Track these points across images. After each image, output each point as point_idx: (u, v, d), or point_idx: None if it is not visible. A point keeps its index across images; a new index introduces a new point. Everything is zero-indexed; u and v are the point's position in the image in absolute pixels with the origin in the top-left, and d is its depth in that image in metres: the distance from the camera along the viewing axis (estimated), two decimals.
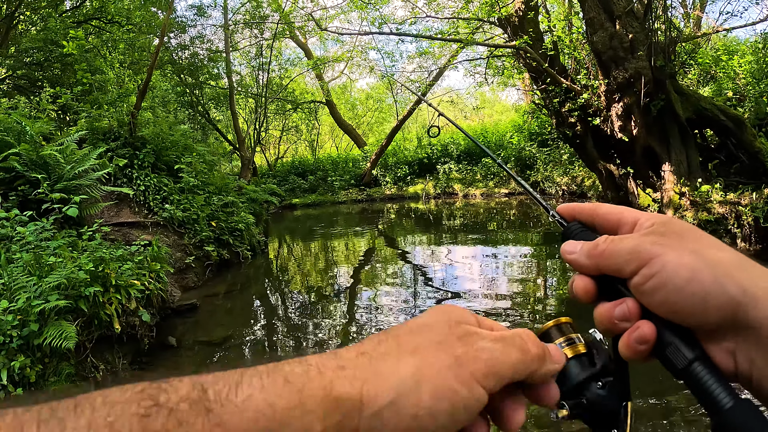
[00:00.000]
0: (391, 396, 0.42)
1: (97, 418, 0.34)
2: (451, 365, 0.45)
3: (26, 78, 13.66)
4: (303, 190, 24.03)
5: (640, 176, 10.34)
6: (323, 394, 0.41)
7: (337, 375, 0.43)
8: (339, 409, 0.41)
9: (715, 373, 0.50)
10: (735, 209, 8.72)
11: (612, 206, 0.64)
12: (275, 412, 0.38)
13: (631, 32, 9.46)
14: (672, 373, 0.53)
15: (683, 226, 0.56)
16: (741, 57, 12.91)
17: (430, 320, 0.51)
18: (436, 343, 0.47)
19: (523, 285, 8.06)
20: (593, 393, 0.60)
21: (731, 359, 0.50)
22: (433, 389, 0.44)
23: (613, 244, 0.56)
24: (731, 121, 9.44)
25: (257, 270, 10.46)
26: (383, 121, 34.97)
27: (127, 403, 0.35)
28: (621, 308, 0.54)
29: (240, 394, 0.38)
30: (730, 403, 0.47)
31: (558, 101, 11.60)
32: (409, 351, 0.46)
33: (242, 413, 0.37)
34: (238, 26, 21.11)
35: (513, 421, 0.51)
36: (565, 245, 0.63)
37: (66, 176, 7.27)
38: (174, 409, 0.36)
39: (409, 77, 23.46)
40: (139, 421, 0.34)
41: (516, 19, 11.58)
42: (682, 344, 0.52)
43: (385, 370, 0.44)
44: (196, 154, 11.06)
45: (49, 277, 4.61)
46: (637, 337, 0.52)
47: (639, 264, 0.52)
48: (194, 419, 0.36)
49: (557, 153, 19.97)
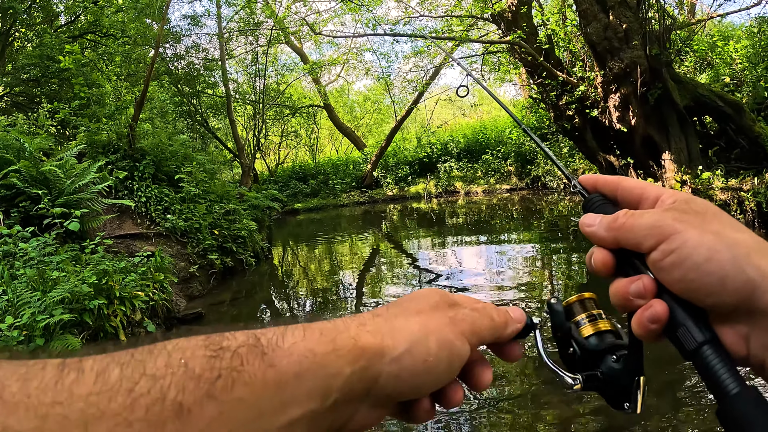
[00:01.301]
0: (406, 345, 0.51)
1: (173, 360, 0.40)
2: (447, 323, 0.54)
3: (24, 94, 13.71)
4: (305, 195, 24.03)
5: (641, 166, 10.32)
6: (352, 343, 0.48)
7: (360, 330, 0.50)
8: (364, 355, 0.48)
9: (724, 357, 0.50)
10: (737, 195, 8.70)
11: (635, 180, 0.64)
12: (315, 356, 0.45)
13: (625, 22, 9.45)
14: (681, 353, 0.53)
15: (705, 204, 0.56)
16: (737, 42, 12.86)
17: (423, 293, 0.59)
18: (433, 307, 0.56)
19: (529, 279, 8.05)
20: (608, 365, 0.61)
21: (744, 343, 0.50)
22: (437, 340, 0.52)
23: (633, 218, 0.56)
24: (730, 106, 9.42)
25: (262, 276, 10.46)
26: (382, 123, 34.97)
27: (196, 347, 0.42)
28: (636, 285, 0.55)
29: (286, 341, 0.45)
30: (737, 389, 0.47)
31: (555, 95, 11.59)
32: (414, 312, 0.55)
33: (289, 356, 0.44)
34: (232, 34, 21.11)
35: (483, 380, 0.59)
36: (585, 218, 0.63)
37: (67, 191, 7.28)
38: (236, 351, 0.42)
39: (406, 77, 23.47)
40: (208, 361, 0.41)
41: (509, 15, 11.58)
42: (694, 326, 0.52)
43: (399, 326, 0.53)
44: (196, 163, 11.06)
45: (53, 292, 4.62)
46: (649, 315, 0.53)
47: (659, 239, 0.53)
48: (253, 360, 0.43)
49: (557, 146, 19.93)
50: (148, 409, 0.36)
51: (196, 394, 0.39)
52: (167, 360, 0.40)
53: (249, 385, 0.41)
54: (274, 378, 0.43)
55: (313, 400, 0.45)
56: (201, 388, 0.39)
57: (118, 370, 0.38)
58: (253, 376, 0.42)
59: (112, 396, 0.36)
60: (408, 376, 0.50)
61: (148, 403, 0.36)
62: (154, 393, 0.37)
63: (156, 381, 0.38)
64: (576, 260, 8.85)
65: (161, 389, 0.37)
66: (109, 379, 0.37)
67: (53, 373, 0.36)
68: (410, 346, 0.51)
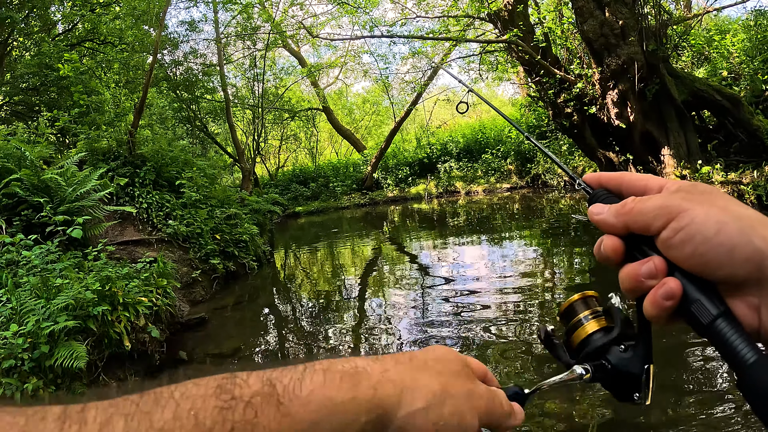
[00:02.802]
0: (423, 403, 0.51)
1: (182, 412, 0.38)
2: (465, 395, 0.54)
3: (23, 103, 13.74)
4: (305, 198, 24.04)
5: (640, 162, 10.34)
6: (372, 393, 0.48)
7: (383, 377, 0.50)
8: (382, 406, 0.48)
9: (738, 329, 0.51)
10: (737, 188, 8.71)
11: (638, 174, 0.66)
12: (334, 405, 0.45)
13: (621, 18, 9.47)
14: (696, 329, 0.54)
15: (709, 187, 0.57)
16: (734, 36, 12.87)
17: (447, 355, 0.59)
18: (455, 374, 0.56)
19: (532, 277, 8.05)
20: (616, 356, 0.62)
21: (755, 314, 0.52)
22: (452, 408, 0.52)
23: (641, 202, 0.58)
24: (728, 100, 9.43)
25: (264, 280, 10.47)
26: (381, 124, 34.99)
27: (206, 397, 0.40)
28: (648, 266, 0.56)
29: (304, 389, 0.45)
30: (753, 357, 0.48)
31: (553, 92, 11.61)
32: (437, 372, 0.55)
33: (307, 405, 0.44)
34: (230, 39, 21.16)
35: None
36: (593, 207, 0.64)
37: (68, 198, 7.30)
38: (249, 402, 0.41)
39: (404, 78, 23.49)
40: (219, 413, 0.39)
41: (506, 14, 11.60)
42: (707, 300, 0.53)
43: (422, 382, 0.52)
44: (196, 168, 11.08)
45: (57, 299, 4.64)
46: (664, 292, 0.54)
47: (668, 218, 0.54)
48: (267, 410, 0.41)
49: (556, 144, 19.94)
50: None
51: None
52: (175, 411, 0.38)
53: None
54: (290, 428, 0.42)
55: None
56: None
57: (123, 422, 0.36)
58: (267, 428, 0.41)
59: None
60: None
61: None
62: None
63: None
64: (578, 258, 8.86)
65: None
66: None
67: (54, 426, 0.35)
68: (427, 406, 0.51)
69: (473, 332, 5.88)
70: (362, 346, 6.06)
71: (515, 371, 4.77)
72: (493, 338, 5.62)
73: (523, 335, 5.61)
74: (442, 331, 6.06)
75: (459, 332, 5.95)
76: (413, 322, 6.59)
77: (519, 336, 5.62)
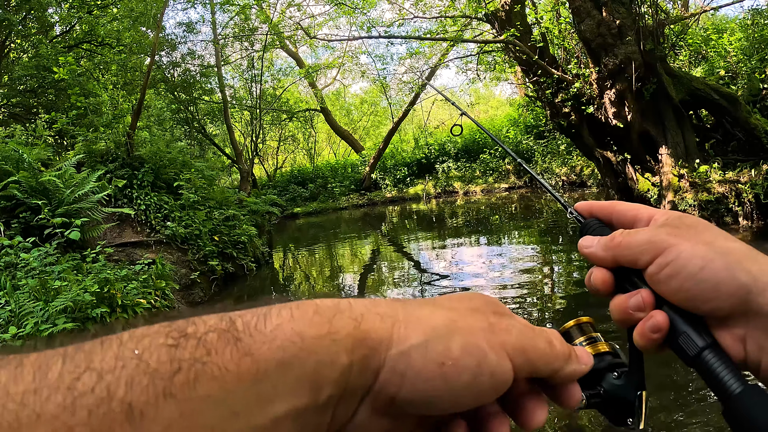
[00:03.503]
0: (421, 338, 0.41)
1: (125, 351, 0.33)
2: (484, 328, 0.43)
3: (21, 105, 13.73)
4: (304, 199, 24.03)
5: (638, 161, 10.34)
6: (352, 326, 0.40)
7: (368, 310, 0.42)
8: (367, 342, 0.39)
9: (724, 359, 0.52)
10: (735, 187, 8.72)
11: (628, 204, 0.66)
12: (303, 341, 0.37)
13: (618, 18, 9.47)
14: (684, 360, 0.55)
15: (696, 220, 0.58)
16: (731, 35, 12.89)
17: (466, 294, 0.50)
18: (472, 309, 0.46)
19: (531, 279, 8.06)
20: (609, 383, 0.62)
21: (741, 346, 0.52)
22: (464, 343, 0.41)
23: (629, 237, 0.58)
24: (725, 99, 9.44)
25: (263, 281, 10.47)
26: (379, 125, 35.00)
27: (154, 335, 0.35)
28: (636, 299, 0.57)
29: (269, 324, 0.37)
30: (740, 388, 0.49)
31: (551, 92, 11.60)
32: (446, 308, 0.45)
33: (271, 342, 0.36)
34: (228, 40, 21.17)
35: (535, 418, 0.47)
36: (583, 240, 0.64)
37: (66, 201, 7.30)
38: (202, 338, 0.35)
39: (402, 78, 23.51)
40: (167, 352, 0.34)
41: (503, 14, 11.59)
42: (694, 332, 0.54)
43: (419, 315, 0.43)
44: (194, 170, 11.07)
45: (56, 301, 4.64)
46: (651, 325, 0.55)
47: (655, 253, 0.55)
48: (223, 348, 0.35)
49: (554, 144, 19.97)
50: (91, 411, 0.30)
51: (150, 393, 0.32)
52: (118, 351, 0.33)
53: (217, 380, 0.34)
54: (251, 369, 0.35)
55: (301, 394, 0.37)
56: (156, 386, 0.32)
57: (60, 363, 0.32)
58: (222, 369, 0.34)
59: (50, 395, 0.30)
60: (415, 379, 0.40)
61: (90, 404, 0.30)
62: (99, 391, 0.31)
63: (102, 377, 0.31)
64: (575, 259, 8.87)
65: (108, 387, 0.31)
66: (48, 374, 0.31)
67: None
68: (426, 341, 0.41)
69: None
70: None
71: None
72: None
73: None
74: None
75: None
76: None
77: None
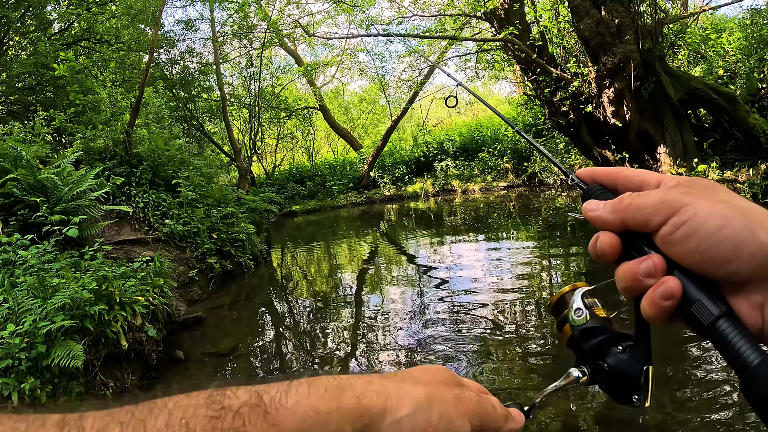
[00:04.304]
0: (410, 409, 0.50)
1: (174, 420, 0.40)
2: (453, 400, 0.53)
3: (19, 103, 13.71)
4: (302, 197, 24.02)
5: (636, 160, 10.36)
6: (356, 402, 0.48)
7: (366, 388, 0.50)
8: (367, 414, 0.48)
9: (741, 329, 0.49)
10: (733, 186, 8.73)
11: (634, 169, 0.63)
12: (318, 414, 0.45)
13: (617, 17, 9.48)
14: (697, 331, 0.51)
15: (710, 181, 0.55)
16: (730, 34, 12.90)
17: (433, 368, 0.59)
18: (441, 382, 0.56)
19: (529, 276, 8.06)
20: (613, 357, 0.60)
21: (759, 314, 0.49)
22: (440, 412, 0.51)
23: (639, 198, 0.55)
24: (723, 98, 9.46)
25: (261, 279, 10.47)
26: (378, 123, 34.95)
27: (198, 406, 0.42)
28: (646, 264, 0.54)
29: (290, 399, 0.45)
30: (758, 359, 0.46)
31: (549, 91, 11.62)
32: (423, 382, 0.54)
33: (293, 415, 0.44)
34: (226, 38, 21.14)
35: None
36: (587, 203, 0.61)
37: (64, 198, 7.29)
38: (238, 411, 0.42)
39: (400, 77, 23.49)
40: (209, 421, 0.41)
41: (502, 12, 11.60)
42: (708, 300, 0.50)
43: (406, 390, 0.52)
44: (192, 167, 11.06)
45: (54, 299, 4.63)
46: (662, 292, 0.52)
47: (669, 213, 0.52)
48: (255, 419, 0.42)
49: (552, 143, 19.96)
50: None
51: None
52: (167, 419, 0.40)
53: None
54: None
55: None
56: None
57: (118, 429, 0.38)
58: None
59: None
60: None
61: None
62: None
63: None
64: (575, 256, 8.88)
65: None
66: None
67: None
68: (413, 412, 0.50)
69: (470, 332, 5.89)
70: (359, 344, 6.07)
71: (515, 379, 4.78)
72: (489, 340, 5.63)
73: (521, 338, 5.63)
74: (439, 329, 6.07)
75: (455, 329, 5.96)
76: (409, 320, 6.60)
77: (518, 339, 5.63)
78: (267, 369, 5.72)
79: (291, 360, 5.95)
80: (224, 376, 5.50)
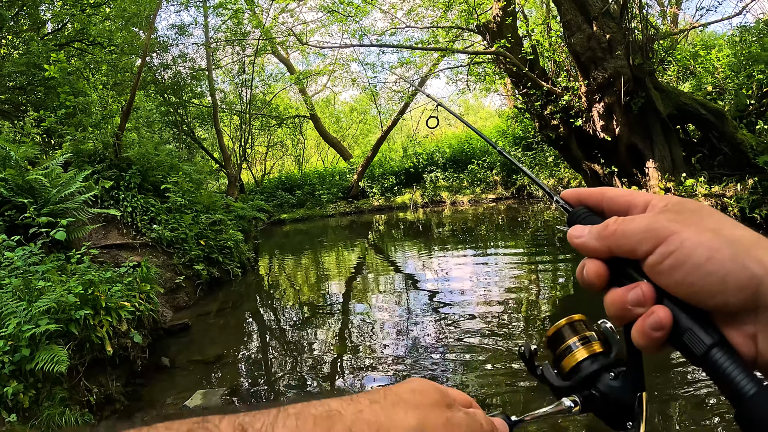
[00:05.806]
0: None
1: None
2: (444, 424, 0.51)
3: (9, 102, 13.59)
4: (291, 205, 23.99)
5: (625, 174, 10.43)
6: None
7: (357, 418, 0.47)
8: None
9: (735, 358, 0.47)
10: (720, 201, 8.81)
11: (621, 189, 0.61)
12: None
13: (609, 32, 9.57)
14: (690, 360, 0.50)
15: (698, 205, 0.53)
16: (719, 51, 13.08)
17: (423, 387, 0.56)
18: (432, 405, 0.53)
19: (516, 289, 8.07)
20: (605, 384, 0.59)
21: (752, 344, 0.48)
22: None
23: (625, 224, 0.53)
24: (712, 114, 9.56)
25: (248, 287, 10.41)
26: (368, 133, 35.04)
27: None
28: (635, 292, 0.52)
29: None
30: (754, 389, 0.45)
31: (540, 104, 11.69)
32: (413, 406, 0.51)
33: None
34: (219, 44, 21.11)
35: None
36: (572, 230, 0.59)
37: (52, 200, 7.23)
38: None
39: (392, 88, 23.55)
40: None
41: (494, 26, 11.68)
42: (700, 329, 0.49)
43: (396, 419, 0.49)
44: (182, 173, 11.01)
45: (39, 302, 4.57)
46: (652, 322, 0.50)
47: (655, 242, 0.50)
48: None
49: (542, 156, 20.09)
50: None
51: None
52: None
53: None
54: None
55: None
56: None
57: None
58: None
59: None
60: None
61: None
62: None
63: None
64: (562, 270, 8.90)
65: None
66: None
67: None
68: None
69: (457, 342, 5.88)
70: (345, 353, 6.04)
71: (501, 391, 4.78)
72: (477, 350, 5.62)
73: (508, 352, 5.62)
74: (426, 339, 6.06)
75: (441, 338, 5.95)
76: (396, 329, 6.59)
77: (504, 353, 5.62)
78: (253, 377, 5.67)
79: (277, 369, 5.90)
80: (210, 384, 5.45)
